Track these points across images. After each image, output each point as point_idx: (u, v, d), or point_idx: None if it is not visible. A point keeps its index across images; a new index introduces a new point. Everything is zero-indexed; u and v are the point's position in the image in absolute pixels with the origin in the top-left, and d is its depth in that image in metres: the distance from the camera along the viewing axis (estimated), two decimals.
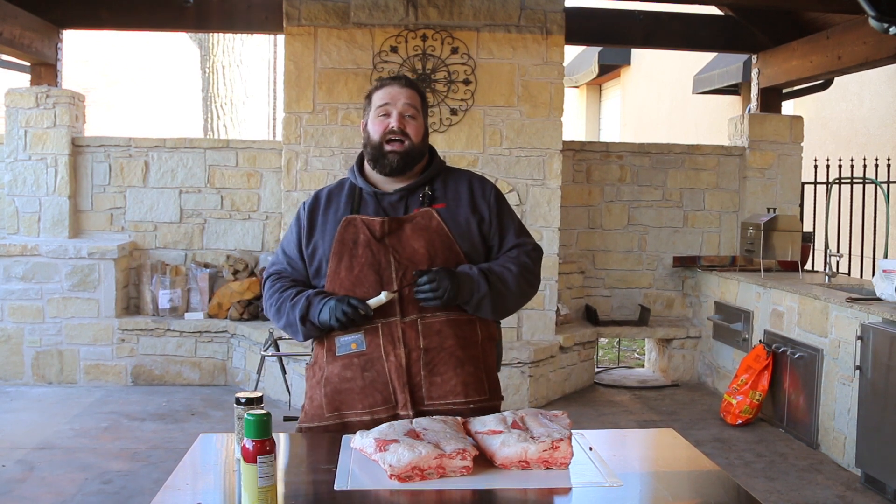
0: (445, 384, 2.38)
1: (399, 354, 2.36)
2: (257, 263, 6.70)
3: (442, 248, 2.42)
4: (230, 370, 6.50)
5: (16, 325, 6.34)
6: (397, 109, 2.47)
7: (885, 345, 4.35)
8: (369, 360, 2.37)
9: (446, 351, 2.39)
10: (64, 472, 4.50)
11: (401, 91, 2.50)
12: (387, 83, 2.53)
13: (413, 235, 2.42)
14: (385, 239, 2.41)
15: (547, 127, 6.17)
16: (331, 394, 2.40)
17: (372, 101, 2.53)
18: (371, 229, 2.41)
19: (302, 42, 6.03)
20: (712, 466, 2.18)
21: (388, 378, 2.36)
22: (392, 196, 2.50)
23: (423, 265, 2.38)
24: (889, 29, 4.63)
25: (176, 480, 2.01)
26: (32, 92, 6.52)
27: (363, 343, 2.38)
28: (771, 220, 6.01)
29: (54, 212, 6.53)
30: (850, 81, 7.87)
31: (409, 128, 2.48)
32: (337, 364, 2.41)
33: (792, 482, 4.57)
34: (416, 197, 2.50)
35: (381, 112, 2.48)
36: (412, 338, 2.37)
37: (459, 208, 2.49)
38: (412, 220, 2.44)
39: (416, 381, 2.36)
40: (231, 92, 9.92)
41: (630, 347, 8.59)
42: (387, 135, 2.47)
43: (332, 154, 6.05)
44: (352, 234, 2.41)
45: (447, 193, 2.52)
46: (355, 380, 2.38)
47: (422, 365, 2.37)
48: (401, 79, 2.55)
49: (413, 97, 2.51)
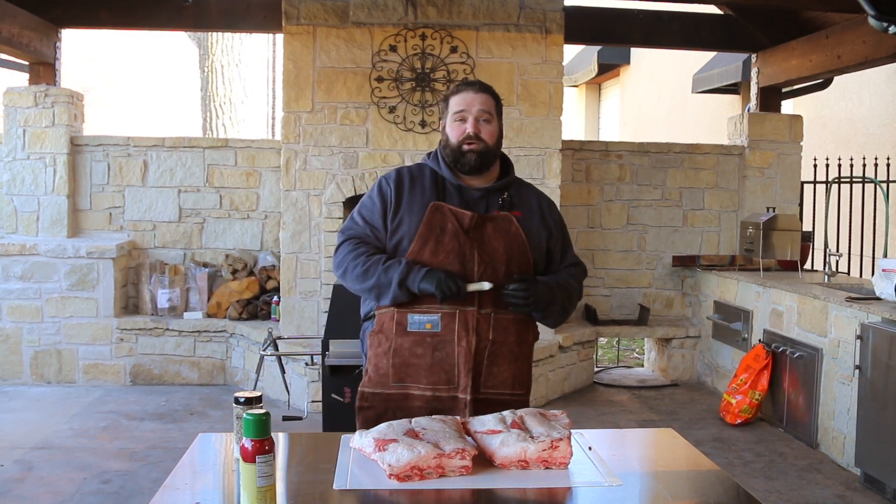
0: (500, 375, 2.57)
1: (470, 342, 2.51)
2: (256, 263, 6.69)
3: (518, 253, 2.59)
4: (229, 370, 6.49)
5: (14, 324, 6.33)
6: (472, 115, 2.60)
7: (884, 344, 4.34)
8: (442, 341, 2.53)
9: (507, 346, 2.58)
10: (63, 471, 4.50)
11: (475, 96, 2.62)
12: (462, 88, 2.65)
13: (494, 235, 2.58)
14: (471, 232, 2.55)
15: (546, 126, 6.17)
16: (398, 365, 2.54)
17: (449, 106, 2.66)
18: (460, 220, 2.56)
19: (301, 41, 6.02)
20: (712, 466, 2.17)
21: (456, 361, 2.52)
22: (474, 192, 2.64)
23: (502, 265, 2.56)
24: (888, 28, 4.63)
25: (175, 480, 2.00)
26: (31, 91, 6.51)
27: (438, 325, 2.53)
28: (770, 220, 6.01)
29: (53, 211, 6.52)
30: (849, 81, 7.86)
31: (483, 132, 2.61)
32: (408, 339, 2.54)
33: (791, 482, 4.57)
34: (495, 199, 2.65)
35: (457, 117, 2.62)
36: (484, 329, 2.53)
37: (532, 219, 2.67)
38: (495, 220, 2.60)
39: (479, 368, 2.53)
40: (230, 91, 9.91)
41: (629, 347, 8.59)
42: (464, 138, 2.59)
43: (331, 153, 6.04)
44: (439, 221, 2.55)
45: (522, 203, 2.68)
46: (425, 356, 2.53)
47: (486, 355, 2.54)
48: (475, 84, 2.67)
49: (487, 101, 2.64)
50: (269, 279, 6.60)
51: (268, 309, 6.48)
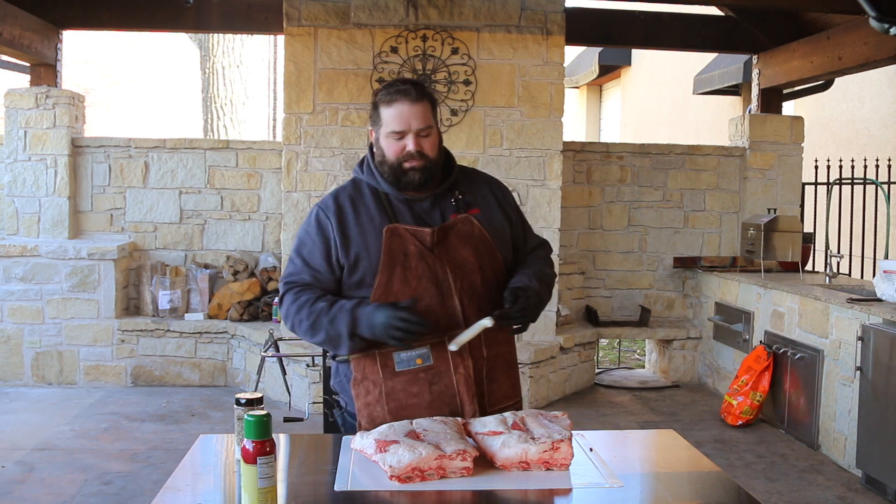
0: (501, 388, 2.43)
1: (468, 366, 2.34)
2: (257, 264, 6.69)
3: (486, 255, 2.41)
4: (230, 371, 6.49)
5: (15, 325, 6.33)
6: (412, 132, 2.33)
7: (885, 346, 4.34)
8: (437, 373, 2.33)
9: (501, 357, 2.45)
10: (64, 473, 4.50)
11: (412, 109, 2.32)
12: (395, 98, 2.33)
13: (459, 243, 2.38)
14: (435, 249, 2.35)
15: (547, 127, 6.17)
16: (395, 409, 2.32)
17: (381, 118, 2.36)
18: (421, 240, 2.34)
19: (302, 42, 6.02)
20: (713, 467, 2.17)
21: (457, 390, 2.33)
22: (424, 202, 2.42)
23: (476, 273, 2.37)
24: (889, 29, 4.63)
25: (176, 481, 2.00)
26: (32, 92, 6.51)
27: (429, 357, 2.32)
28: (771, 221, 6.00)
29: (54, 212, 6.52)
30: (850, 82, 7.86)
31: (425, 147, 2.35)
32: (399, 379, 2.33)
33: (792, 483, 4.57)
34: (447, 201, 2.43)
35: (395, 136, 2.34)
36: (478, 347, 2.36)
37: (492, 213, 2.47)
38: (454, 227, 2.39)
39: (480, 389, 2.37)
40: (231, 92, 9.91)
41: (630, 348, 8.58)
42: (405, 156, 2.35)
43: (333, 155, 6.04)
44: (399, 245, 2.33)
45: (476, 198, 2.48)
46: (422, 394, 2.32)
47: (485, 373, 2.39)
48: (409, 92, 2.34)
49: (426, 113, 2.35)
50: (270, 280, 6.60)
51: (269, 310, 6.49)
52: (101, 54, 13.92)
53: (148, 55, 14.32)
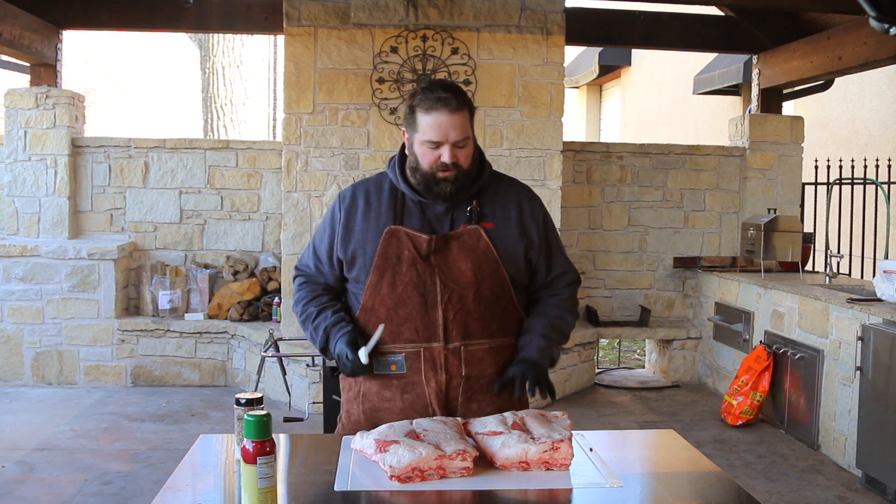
0: (484, 410, 2.34)
1: (440, 381, 2.32)
2: (257, 264, 6.69)
3: (489, 272, 2.33)
4: (230, 371, 6.49)
5: (15, 325, 6.34)
6: (449, 143, 2.26)
7: (885, 346, 4.34)
8: (409, 383, 2.34)
9: (486, 379, 2.37)
10: (64, 473, 4.50)
11: (451, 119, 2.24)
12: (435, 107, 2.25)
13: (460, 255, 2.32)
14: (431, 257, 2.31)
15: (547, 127, 6.17)
16: (369, 411, 2.38)
17: (418, 125, 2.28)
18: (416, 246, 2.31)
19: (302, 42, 6.02)
20: (713, 467, 2.17)
21: (428, 401, 2.33)
22: (438, 207, 2.35)
23: (470, 288, 2.31)
24: (889, 29, 4.63)
25: (176, 481, 2.00)
26: (32, 92, 6.51)
27: (404, 366, 2.33)
28: (771, 221, 6.00)
29: (54, 212, 6.52)
30: (850, 82, 7.86)
31: (461, 158, 2.29)
32: (376, 382, 2.38)
33: (792, 483, 4.57)
34: (462, 210, 2.36)
35: (430, 146, 2.27)
36: (454, 365, 2.32)
37: (508, 230, 2.37)
38: (459, 237, 2.33)
39: (452, 405, 2.34)
40: (231, 92, 9.91)
41: (630, 348, 8.58)
42: (439, 166, 2.28)
43: (333, 155, 6.04)
44: (395, 249, 2.31)
45: (496, 210, 2.38)
46: (394, 400, 2.35)
47: (461, 392, 2.34)
48: (450, 102, 2.25)
49: (464, 124, 2.27)
50: (270, 280, 6.60)
51: (269, 310, 6.48)
52: (101, 54, 13.92)
53: (148, 55, 14.32)
